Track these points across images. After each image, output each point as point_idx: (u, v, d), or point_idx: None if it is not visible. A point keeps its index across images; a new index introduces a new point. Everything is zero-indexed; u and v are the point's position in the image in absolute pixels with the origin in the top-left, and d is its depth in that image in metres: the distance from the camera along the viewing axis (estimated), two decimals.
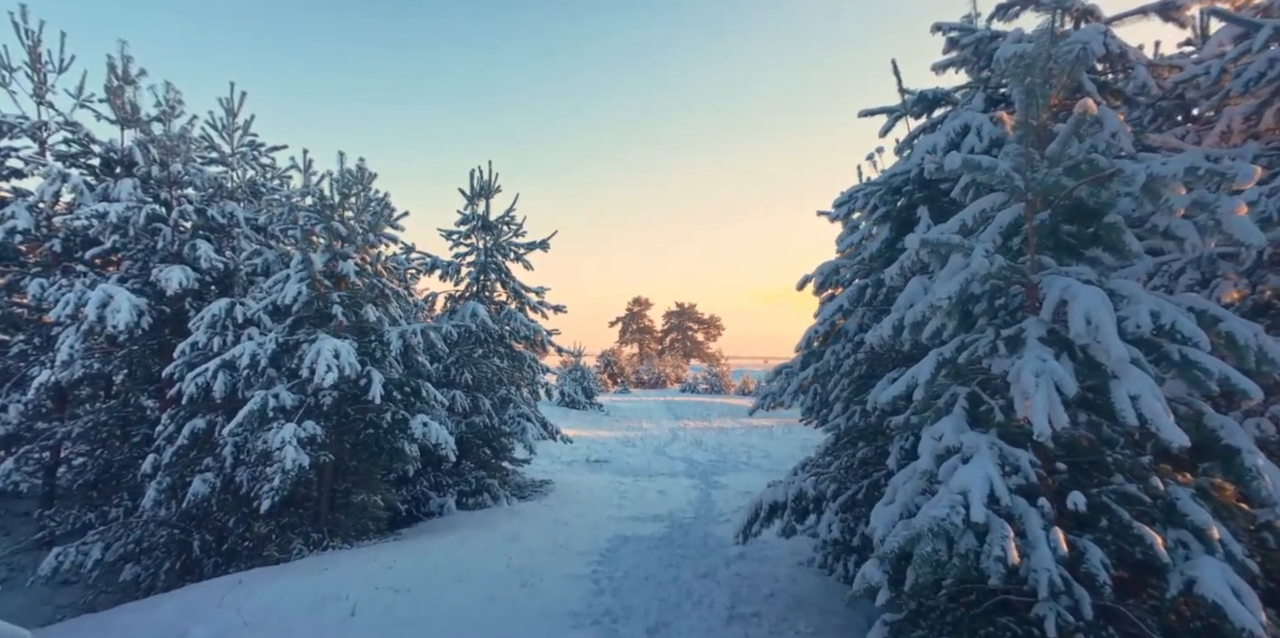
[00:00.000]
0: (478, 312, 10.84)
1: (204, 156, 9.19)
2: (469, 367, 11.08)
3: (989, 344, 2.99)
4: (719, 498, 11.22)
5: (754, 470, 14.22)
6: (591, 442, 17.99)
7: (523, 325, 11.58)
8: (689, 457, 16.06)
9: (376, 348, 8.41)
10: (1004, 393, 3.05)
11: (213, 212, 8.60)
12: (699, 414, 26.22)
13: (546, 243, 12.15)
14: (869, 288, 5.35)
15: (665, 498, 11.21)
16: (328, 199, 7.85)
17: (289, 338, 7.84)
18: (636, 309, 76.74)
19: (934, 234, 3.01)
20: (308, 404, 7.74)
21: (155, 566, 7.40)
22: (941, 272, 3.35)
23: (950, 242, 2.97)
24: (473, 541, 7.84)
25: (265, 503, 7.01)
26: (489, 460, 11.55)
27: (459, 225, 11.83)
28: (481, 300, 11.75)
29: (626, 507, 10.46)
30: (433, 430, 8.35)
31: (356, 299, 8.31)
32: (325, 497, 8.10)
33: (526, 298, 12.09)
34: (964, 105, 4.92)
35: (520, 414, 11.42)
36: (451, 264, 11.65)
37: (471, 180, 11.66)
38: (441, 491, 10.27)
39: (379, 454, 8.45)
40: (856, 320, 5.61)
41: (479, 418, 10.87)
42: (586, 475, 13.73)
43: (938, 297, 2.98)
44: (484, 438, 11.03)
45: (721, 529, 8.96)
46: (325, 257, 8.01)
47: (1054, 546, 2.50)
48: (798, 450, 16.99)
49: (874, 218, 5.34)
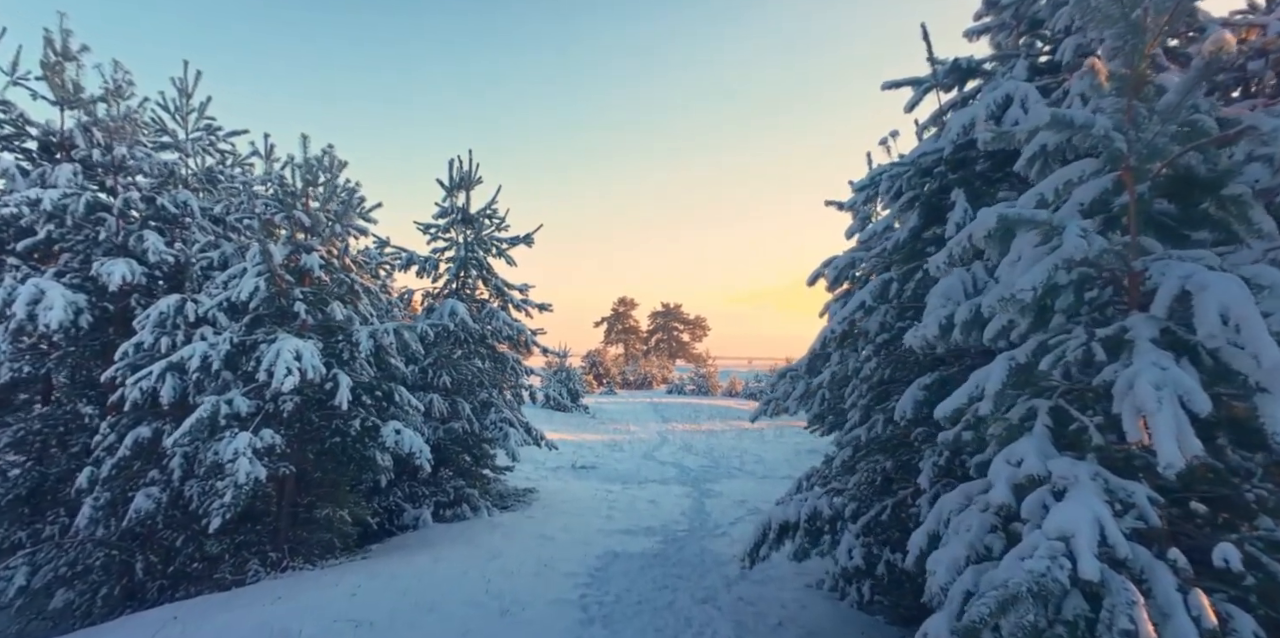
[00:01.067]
0: (457, 310, 10.15)
1: (156, 142, 8.42)
2: (448, 369, 10.38)
3: (1080, 347, 2.40)
4: (713, 508, 10.62)
5: (747, 477, 13.63)
6: (578, 446, 17.32)
7: (505, 325, 10.90)
8: (679, 462, 15.45)
9: (344, 349, 7.70)
10: (1099, 408, 2.46)
11: (164, 200, 7.84)
12: (687, 416, 25.63)
13: (531, 237, 11.48)
14: (894, 283, 4.76)
15: (656, 508, 10.58)
16: (289, 186, 7.13)
17: (246, 338, 7.12)
18: (622, 309, 76.16)
19: (1015, 210, 2.41)
20: (266, 411, 7.02)
21: (92, 590, 6.64)
22: (1011, 258, 2.76)
23: (1037, 218, 2.36)
24: (448, 560, 7.16)
25: (215, 521, 6.29)
26: (469, 469, 10.85)
27: (437, 218, 11.12)
28: (461, 298, 11.05)
29: (616, 518, 9.82)
30: (406, 438, 7.66)
31: (322, 295, 7.59)
32: (286, 512, 7.38)
33: (509, 296, 11.41)
34: (1005, 74, 4.34)
35: (502, 419, 10.74)
36: (429, 260, 10.94)
37: (450, 171, 10.96)
38: (417, 502, 9.56)
39: (347, 465, 7.75)
40: (879, 319, 5.02)
41: (458, 423, 10.18)
42: (573, 483, 13.07)
43: (1018, 288, 2.37)
44: (463, 445, 10.33)
45: (718, 544, 8.36)
46: (287, 249, 7.29)
47: (1197, 614, 1.90)
48: (791, 455, 16.45)
49: (899, 204, 4.75)
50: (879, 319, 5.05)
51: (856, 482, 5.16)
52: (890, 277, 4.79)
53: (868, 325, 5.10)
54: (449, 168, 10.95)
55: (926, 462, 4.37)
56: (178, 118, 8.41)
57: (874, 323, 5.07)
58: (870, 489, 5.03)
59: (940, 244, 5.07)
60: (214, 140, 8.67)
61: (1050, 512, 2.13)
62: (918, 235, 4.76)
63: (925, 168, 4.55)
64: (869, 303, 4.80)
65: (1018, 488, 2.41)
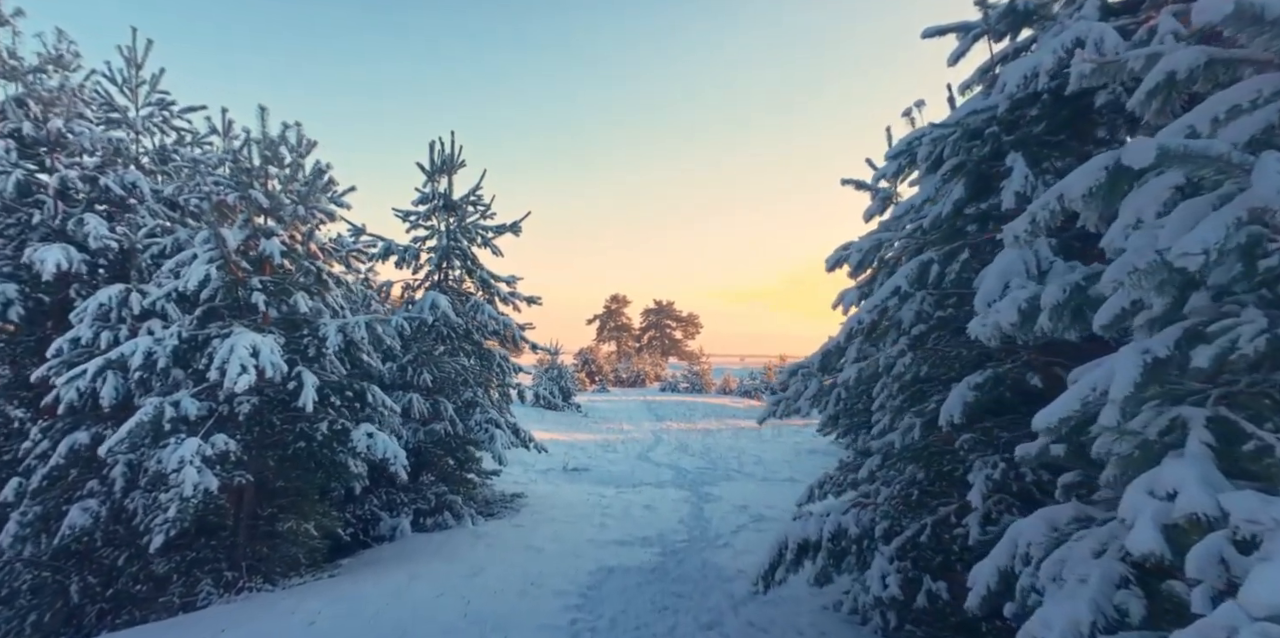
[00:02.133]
0: (438, 303, 9.42)
1: (103, 117, 7.64)
2: (429, 366, 9.65)
3: (1261, 336, 1.72)
4: (713, 514, 9.95)
5: (747, 479, 12.98)
6: (569, 447, 16.62)
7: (491, 319, 10.18)
8: (675, 463, 14.78)
9: (310, 344, 6.97)
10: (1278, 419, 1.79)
11: (108, 181, 7.08)
12: (682, 415, 24.99)
13: (518, 226, 10.75)
14: (933, 265, 4.09)
15: (653, 514, 9.91)
16: (244, 162, 6.38)
17: (197, 332, 6.38)
18: (614, 307, 75.59)
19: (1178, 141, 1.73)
20: (219, 414, 6.29)
21: (19, 617, 5.90)
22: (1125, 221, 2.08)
23: (1211, 152, 1.68)
24: (425, 578, 6.46)
25: (157, 539, 5.57)
26: (452, 473, 10.14)
27: (417, 205, 10.38)
28: (443, 290, 10.32)
29: (609, 526, 9.14)
30: (379, 443, 6.95)
31: (285, 286, 6.86)
32: (244, 525, 6.65)
33: (496, 288, 10.68)
34: (1072, 15, 3.67)
35: (488, 420, 10.03)
36: (409, 249, 10.19)
37: (431, 153, 10.21)
38: (395, 510, 8.85)
39: (314, 472, 7.03)
40: (914, 308, 4.34)
41: (440, 425, 9.46)
42: (564, 486, 12.38)
43: (1177, 252, 1.70)
44: (446, 448, 9.62)
45: (721, 556, 7.69)
46: (243, 233, 6.55)
47: None
48: (791, 455, 15.82)
49: (940, 173, 4.07)
50: (914, 308, 4.38)
51: (888, 495, 4.49)
52: (930, 258, 4.11)
53: (901, 315, 4.43)
54: (429, 150, 10.21)
55: (977, 474, 3.71)
56: (126, 91, 7.63)
57: (908, 312, 4.40)
58: (904, 504, 4.36)
59: (986, 221, 4.41)
60: (168, 116, 7.90)
61: (1249, 575, 1.46)
62: (961, 210, 4.09)
63: (974, 129, 3.88)
64: (905, 289, 4.12)
65: (1170, 531, 1.74)
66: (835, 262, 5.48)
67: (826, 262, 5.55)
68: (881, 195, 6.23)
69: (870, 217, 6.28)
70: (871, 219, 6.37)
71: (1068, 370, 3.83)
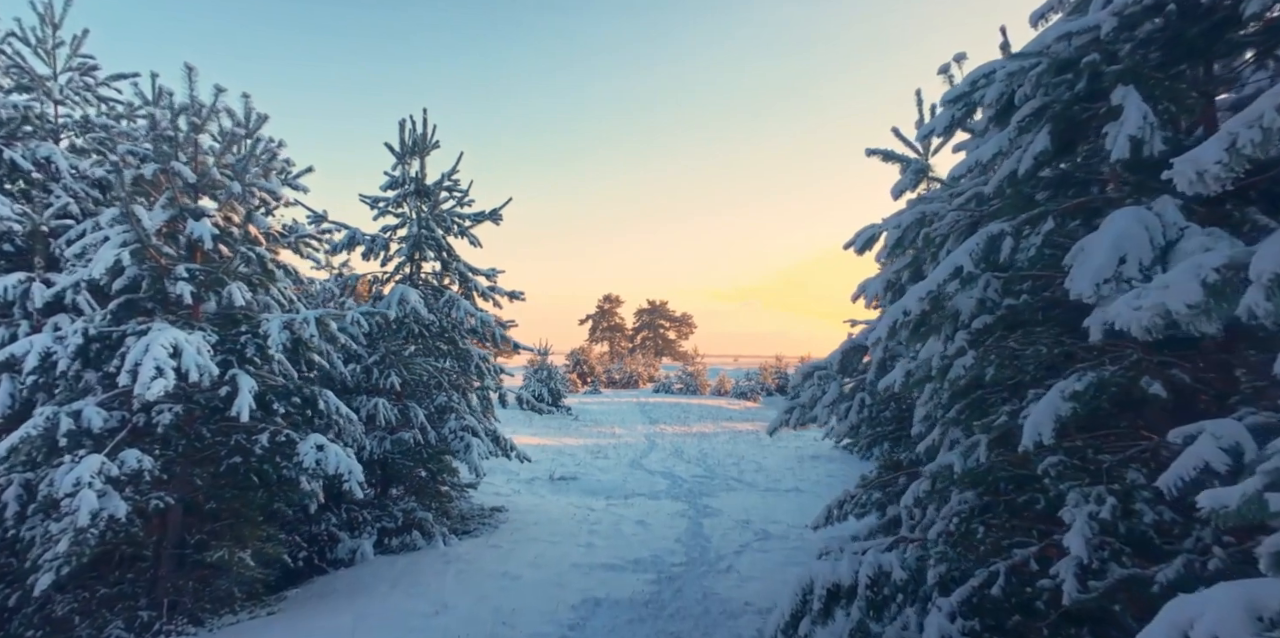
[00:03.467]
0: (407, 297, 8.47)
1: (13, 84, 6.64)
2: (397, 368, 8.69)
3: None
4: (713, 530, 9.04)
5: (748, 489, 12.06)
6: (557, 453, 15.67)
7: (468, 315, 9.22)
8: (670, 471, 13.86)
9: (248, 343, 6.00)
10: None
11: (15, 155, 6.09)
12: (676, 417, 24.07)
13: (498, 213, 9.81)
14: (1006, 238, 3.18)
15: (646, 532, 8.98)
16: (164, 127, 5.40)
17: (111, 329, 5.41)
18: (607, 307, 74.85)
19: None
20: (133, 425, 5.33)
21: None
22: None
23: None
24: (377, 617, 5.52)
25: (44, 578, 4.61)
26: (424, 486, 9.20)
27: (386, 190, 9.43)
28: (415, 284, 9.38)
29: (598, 546, 8.21)
30: (331, 456, 6.00)
31: (217, 275, 5.89)
32: (168, 555, 5.68)
33: (474, 282, 9.72)
34: None
35: (464, 427, 9.08)
36: (377, 239, 9.23)
37: (401, 133, 9.26)
38: (356, 529, 7.88)
39: (254, 490, 6.07)
40: (976, 295, 3.44)
41: (409, 433, 8.51)
42: (550, 497, 11.43)
43: None
44: (416, 458, 8.66)
45: (724, 583, 6.77)
46: (166, 213, 5.59)
47: None
48: (794, 462, 14.93)
49: (1018, 120, 3.16)
50: (976, 295, 3.47)
51: (941, 530, 3.58)
52: (1001, 230, 3.21)
53: (958, 304, 3.52)
54: (399, 130, 9.26)
55: (1076, 511, 2.80)
56: (40, 52, 6.64)
57: (968, 300, 3.49)
58: (965, 543, 3.45)
59: (1068, 184, 3.51)
60: (92, 84, 6.91)
61: None
62: (1043, 167, 3.18)
63: (1064, 60, 2.97)
64: (968, 269, 3.21)
65: None
66: (865, 241, 4.57)
67: (853, 243, 4.66)
68: (914, 168, 5.33)
69: (900, 192, 5.38)
70: (901, 195, 5.47)
71: (1192, 375, 2.92)
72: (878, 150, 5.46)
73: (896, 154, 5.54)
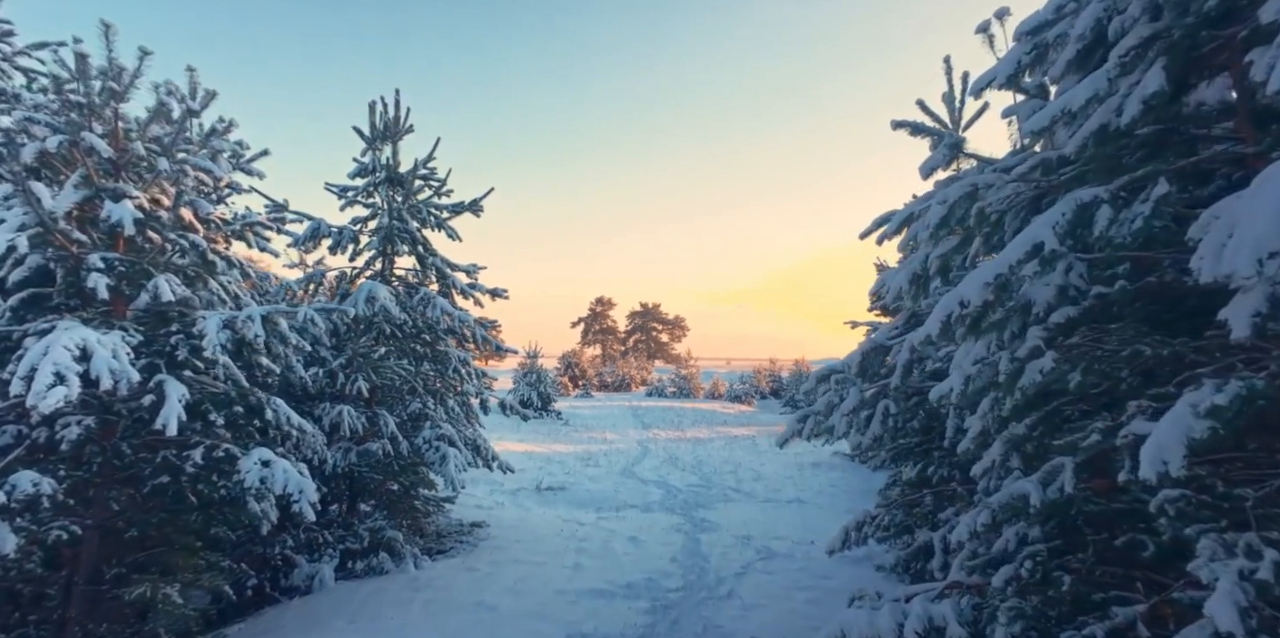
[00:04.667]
0: (376, 294, 7.69)
1: None
2: (365, 372, 7.90)
3: None
4: (711, 547, 8.29)
5: (747, 500, 11.33)
6: (546, 461, 14.90)
7: (445, 314, 8.45)
8: (664, 480, 13.11)
9: (180, 344, 5.22)
10: None
11: None
12: (670, 422, 23.36)
13: (479, 204, 9.04)
14: (1103, 205, 2.46)
15: (639, 549, 8.23)
16: (70, 87, 4.62)
17: (10, 328, 4.62)
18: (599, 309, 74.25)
19: None
20: (31, 441, 4.53)
21: None
22: None
23: None
24: None
25: None
26: (396, 501, 8.42)
27: (355, 178, 8.65)
28: (387, 280, 8.61)
29: (586, 568, 7.45)
30: (278, 473, 5.22)
31: (142, 266, 5.10)
32: (80, 593, 4.87)
33: (452, 278, 8.95)
34: None
35: (439, 436, 8.28)
36: (345, 231, 8.44)
37: (371, 116, 8.49)
38: (316, 551, 7.08)
39: (187, 513, 5.29)
40: (1056, 281, 2.72)
41: (378, 443, 7.73)
42: (536, 510, 10.67)
43: None
44: (385, 471, 7.87)
45: (726, 611, 6.03)
46: (80, 193, 4.80)
47: None
48: (794, 470, 14.21)
49: (1120, 57, 2.44)
50: (1056, 281, 2.75)
51: (1009, 576, 2.84)
52: (1095, 196, 2.48)
53: (1032, 294, 2.80)
54: (370, 113, 8.49)
55: (1221, 569, 2.07)
56: None
57: (1045, 289, 2.77)
58: (1043, 594, 2.72)
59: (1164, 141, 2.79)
60: (8, 53, 6.10)
61: None
62: (1150, 115, 2.46)
63: None
64: (1051, 247, 2.49)
65: None
66: (900, 222, 3.86)
67: (889, 225, 3.93)
68: (948, 143, 4.61)
69: (931, 171, 4.65)
70: (931, 175, 4.75)
71: None
72: (905, 122, 4.73)
73: (926, 127, 4.82)
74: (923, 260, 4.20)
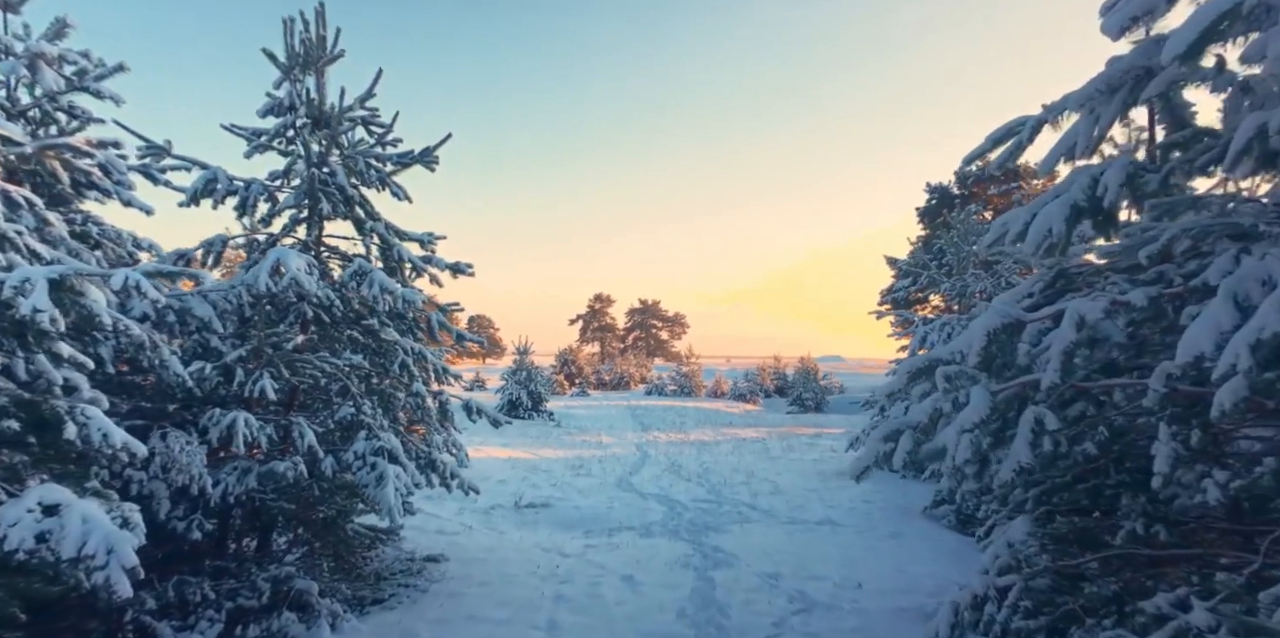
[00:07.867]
0: (286, 263, 5.75)
1: None
2: (275, 367, 5.98)
3: None
4: (730, 593, 6.37)
5: (766, 521, 9.40)
6: (530, 470, 12.98)
7: (385, 293, 6.50)
8: (666, 492, 11.19)
9: None
10: None
11: None
12: (671, 423, 21.44)
13: (431, 154, 7.09)
14: None
15: (636, 595, 6.32)
16: None
17: None
18: (598, 306, 72.57)
19: None
20: None
21: None
22: None
23: None
24: None
25: None
26: (321, 533, 6.51)
27: (266, 117, 6.72)
28: (307, 248, 6.69)
29: (564, 627, 5.55)
30: (72, 526, 3.35)
31: None
32: None
33: (400, 248, 7.02)
34: None
35: (376, 450, 6.35)
36: (253, 185, 6.51)
37: (288, 37, 6.55)
38: (191, 611, 5.16)
39: None
40: None
41: (286, 463, 5.80)
42: (511, 534, 8.75)
43: None
44: (298, 499, 5.96)
45: None
46: None
47: None
48: (815, 480, 12.30)
49: None
50: None
51: None
52: None
53: None
54: (284, 32, 6.56)
55: None
56: None
57: None
58: None
59: None
60: None
61: None
62: None
63: None
64: None
65: None
66: (1024, 140, 1.82)
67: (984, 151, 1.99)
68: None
69: None
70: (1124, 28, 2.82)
71: None
72: None
73: None
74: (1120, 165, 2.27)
